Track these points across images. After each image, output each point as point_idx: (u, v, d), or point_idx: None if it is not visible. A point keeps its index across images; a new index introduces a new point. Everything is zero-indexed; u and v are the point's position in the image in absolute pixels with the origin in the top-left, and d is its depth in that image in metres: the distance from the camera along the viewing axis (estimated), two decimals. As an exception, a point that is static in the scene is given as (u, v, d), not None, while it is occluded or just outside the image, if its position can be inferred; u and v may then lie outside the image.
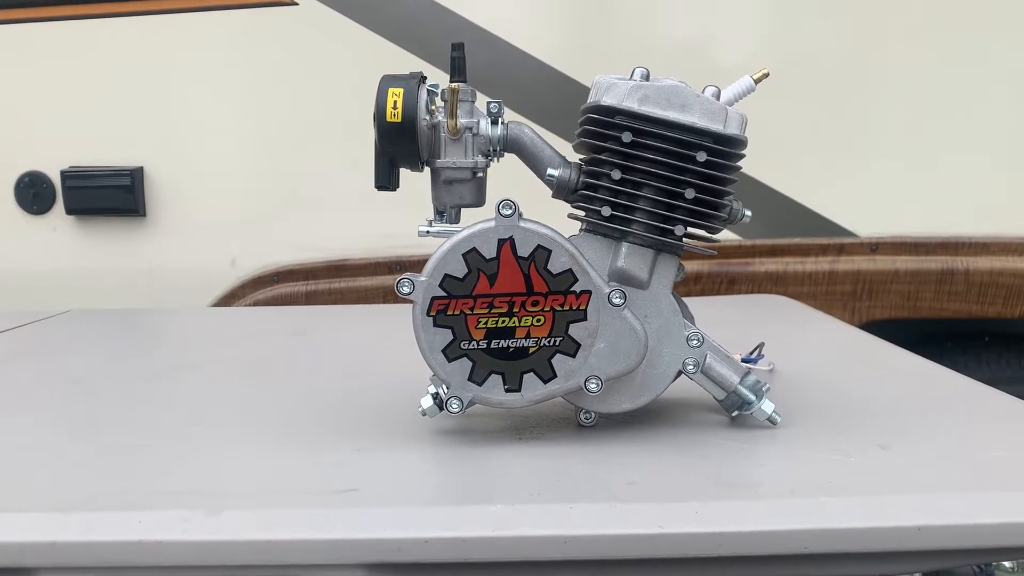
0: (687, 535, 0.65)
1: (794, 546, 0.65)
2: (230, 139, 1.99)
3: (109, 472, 0.81)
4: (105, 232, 2.02)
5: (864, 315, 1.85)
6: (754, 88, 0.88)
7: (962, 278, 1.80)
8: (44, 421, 0.98)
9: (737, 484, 0.73)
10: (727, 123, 0.82)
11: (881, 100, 1.82)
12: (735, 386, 0.86)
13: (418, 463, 0.81)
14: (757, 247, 1.85)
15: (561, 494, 0.71)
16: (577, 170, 0.87)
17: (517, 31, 1.83)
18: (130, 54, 1.96)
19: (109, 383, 1.16)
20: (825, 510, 0.66)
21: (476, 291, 0.80)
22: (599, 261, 0.84)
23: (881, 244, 1.83)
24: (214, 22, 1.92)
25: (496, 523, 0.66)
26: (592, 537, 0.65)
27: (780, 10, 1.85)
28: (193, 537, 0.65)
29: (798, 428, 0.87)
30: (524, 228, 0.80)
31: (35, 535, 0.65)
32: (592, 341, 0.81)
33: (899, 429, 0.86)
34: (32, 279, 2.03)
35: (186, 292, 1.99)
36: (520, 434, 0.87)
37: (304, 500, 0.71)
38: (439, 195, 0.90)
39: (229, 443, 0.89)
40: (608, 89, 0.83)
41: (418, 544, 0.65)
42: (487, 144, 0.88)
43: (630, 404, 0.86)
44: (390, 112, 0.85)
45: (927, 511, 0.66)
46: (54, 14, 1.95)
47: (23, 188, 1.99)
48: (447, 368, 0.82)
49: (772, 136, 1.78)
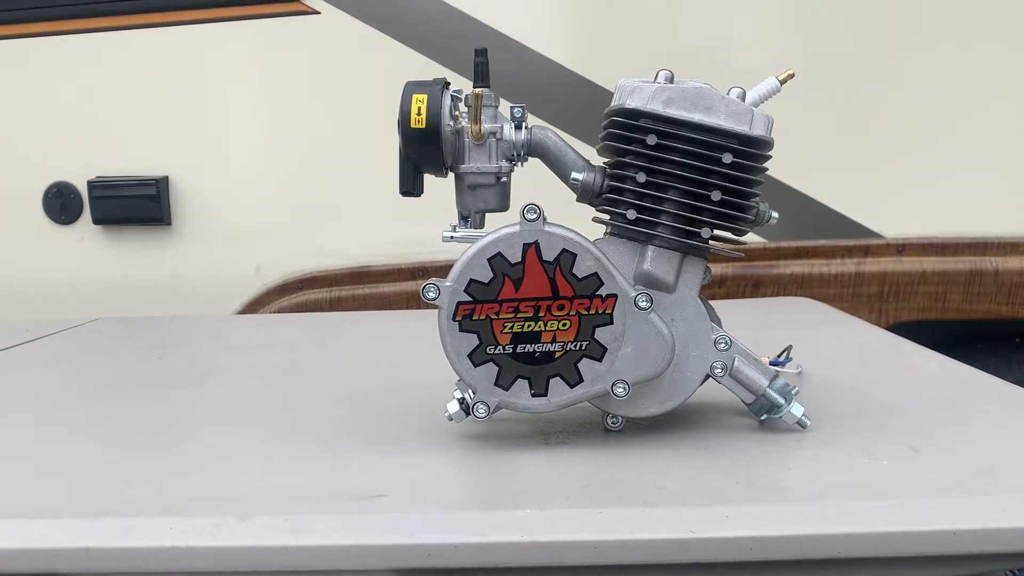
0: (718, 539, 0.64)
1: (826, 551, 0.64)
2: (253, 147, 2.01)
3: (140, 478, 0.81)
4: (131, 241, 2.04)
5: (891, 317, 1.83)
6: (779, 89, 0.88)
7: (991, 278, 1.78)
8: (76, 428, 0.99)
9: (767, 488, 0.73)
10: (753, 124, 0.81)
11: (906, 99, 1.80)
12: (764, 389, 0.86)
13: (446, 468, 0.81)
14: (782, 249, 1.83)
15: (590, 499, 0.70)
16: (601, 174, 0.86)
17: (539, 36, 1.84)
18: (154, 65, 1.98)
19: (139, 390, 1.17)
20: (857, 514, 0.66)
21: (501, 296, 0.80)
22: (625, 265, 0.84)
23: (908, 245, 1.81)
24: (237, 32, 1.93)
25: (525, 528, 0.65)
26: (622, 542, 0.64)
27: (802, 11, 1.84)
28: (224, 543, 0.65)
29: (828, 431, 0.86)
30: (549, 232, 0.80)
31: (69, 541, 0.66)
32: (619, 345, 0.81)
33: (930, 431, 0.85)
34: (60, 288, 2.06)
35: (212, 299, 2.01)
36: (547, 439, 0.87)
37: (333, 505, 0.71)
38: (463, 200, 0.90)
39: (258, 449, 0.89)
40: (632, 92, 0.83)
41: (447, 549, 0.65)
42: (511, 149, 0.88)
43: (658, 408, 0.86)
44: (414, 118, 0.85)
45: (962, 514, 0.65)
46: (81, 27, 1.98)
47: (51, 198, 2.02)
48: (473, 373, 0.82)
49: (796, 137, 1.76)
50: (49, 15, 1.97)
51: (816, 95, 1.77)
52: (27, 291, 2.07)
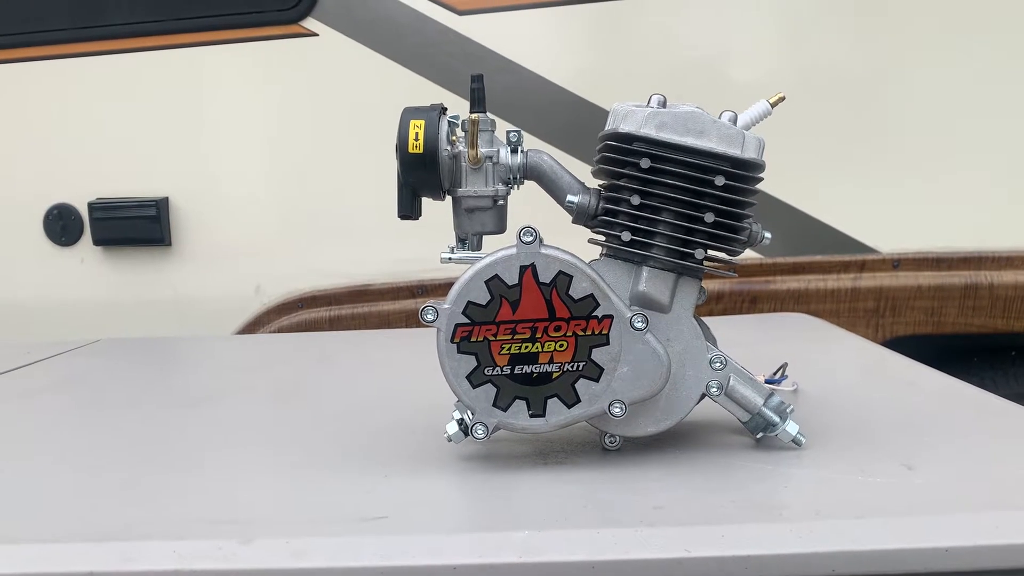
0: (714, 559, 0.65)
1: (821, 569, 0.65)
2: (253, 168, 2.02)
3: (143, 501, 0.82)
4: (132, 262, 2.05)
5: (887, 332, 1.84)
6: (771, 112, 0.89)
7: (986, 293, 1.79)
8: (77, 451, 1.00)
9: (763, 507, 0.73)
10: (744, 147, 0.83)
11: (900, 116, 1.82)
12: (759, 408, 0.87)
13: (445, 489, 0.82)
14: (779, 265, 1.85)
15: (587, 519, 0.71)
16: (596, 196, 0.88)
17: (536, 57, 1.86)
18: (154, 87, 2.00)
19: (140, 412, 1.18)
20: (852, 532, 0.66)
21: (499, 317, 0.81)
22: (620, 286, 0.85)
23: (903, 260, 1.83)
24: (236, 54, 1.95)
25: (524, 549, 0.66)
26: (619, 562, 0.65)
27: (797, 29, 1.86)
28: (227, 566, 0.66)
29: (823, 449, 0.87)
30: (545, 254, 0.81)
31: (73, 566, 0.66)
32: (615, 365, 0.82)
33: (925, 448, 0.86)
34: (61, 310, 2.07)
35: (212, 319, 2.02)
36: (545, 459, 0.88)
37: (334, 528, 0.72)
38: (461, 223, 0.91)
39: (259, 470, 0.90)
40: (626, 116, 0.84)
41: (447, 571, 0.65)
42: (507, 172, 0.89)
43: (654, 427, 0.87)
44: (412, 144, 0.86)
45: (955, 532, 0.66)
46: (81, 50, 2.00)
47: (51, 220, 2.03)
48: (472, 394, 0.83)
49: (791, 154, 1.78)
50: (49, 39, 2.00)
51: (811, 112, 1.79)
52: (28, 312, 2.08)
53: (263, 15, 1.93)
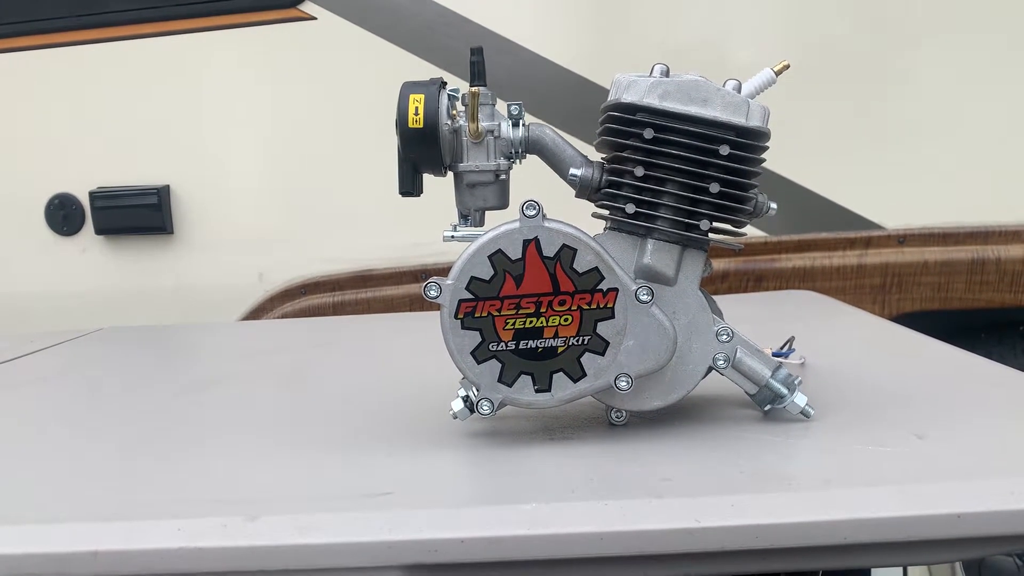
0: (724, 528, 0.64)
1: (832, 537, 0.64)
2: (253, 154, 2.02)
3: (148, 482, 0.82)
4: (134, 251, 2.05)
5: (894, 308, 1.83)
6: (775, 80, 0.88)
7: (993, 267, 1.78)
8: (82, 435, 1.00)
9: (772, 477, 0.73)
10: (749, 116, 0.82)
11: (905, 91, 1.81)
12: (767, 380, 0.86)
13: (451, 465, 0.82)
14: (784, 243, 1.84)
15: (595, 492, 0.71)
16: (600, 169, 0.87)
17: (535, 37, 1.84)
18: (153, 74, 1.99)
19: (144, 397, 1.17)
20: (862, 500, 0.66)
21: (503, 292, 0.81)
22: (625, 259, 0.84)
23: (909, 236, 1.82)
24: (235, 40, 1.94)
25: (531, 522, 0.66)
26: (628, 533, 0.65)
27: (801, 6, 1.84)
28: (232, 543, 0.66)
29: (832, 421, 0.86)
30: (549, 228, 0.80)
31: (78, 545, 0.66)
32: (621, 339, 0.81)
33: (935, 419, 0.85)
34: (64, 299, 2.07)
35: (215, 307, 2.02)
36: (551, 434, 0.87)
37: (339, 504, 0.72)
38: (463, 199, 0.90)
39: (263, 451, 0.90)
40: (628, 87, 0.83)
41: (454, 544, 0.65)
42: (509, 146, 0.88)
43: (661, 401, 0.86)
44: (412, 118, 0.85)
45: (966, 498, 0.65)
46: (79, 38, 1.99)
47: (53, 210, 2.03)
48: (476, 370, 0.82)
49: (795, 131, 1.77)
50: (48, 27, 1.99)
51: (815, 88, 1.78)
52: (31, 302, 2.08)
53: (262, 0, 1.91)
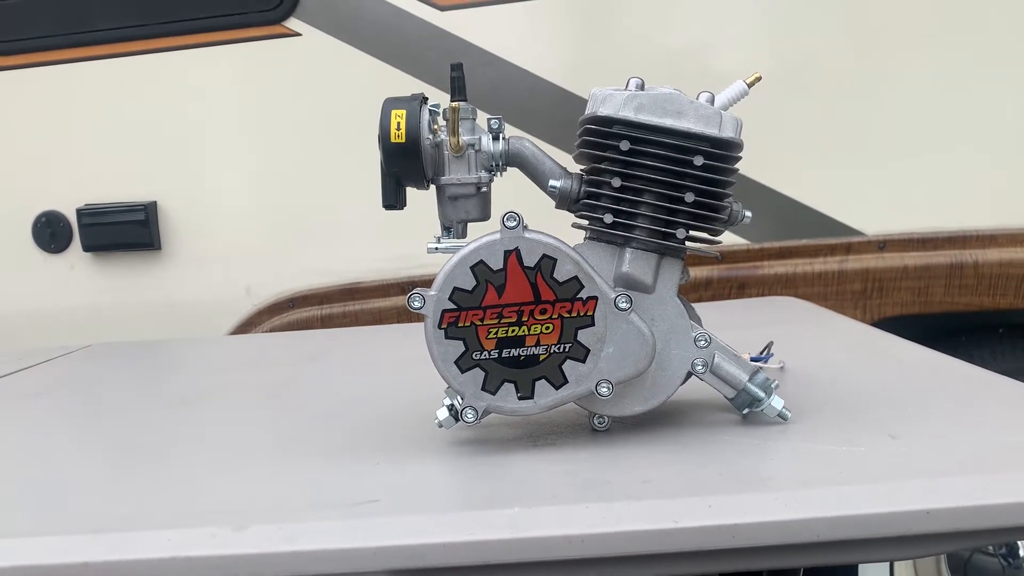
0: (701, 528, 0.66)
1: (807, 535, 0.66)
2: (239, 169, 2.03)
3: (137, 494, 0.83)
4: (122, 267, 2.05)
5: (876, 313, 1.85)
6: (747, 92, 0.90)
7: (971, 271, 1.81)
8: (72, 449, 1.01)
9: (750, 478, 0.75)
10: (722, 127, 0.84)
11: (882, 98, 1.83)
12: (744, 384, 0.88)
13: (436, 473, 0.83)
14: (765, 250, 1.86)
15: (577, 495, 0.72)
16: (578, 180, 0.89)
17: (517, 49, 1.86)
18: (138, 91, 2.00)
19: (132, 411, 1.18)
20: (835, 499, 0.68)
21: (485, 302, 0.82)
22: (604, 268, 0.86)
23: (889, 241, 1.84)
24: (220, 56, 1.96)
25: (514, 525, 0.67)
26: (609, 535, 0.66)
27: (778, 15, 1.87)
28: (221, 552, 0.67)
29: (809, 423, 0.88)
30: (529, 239, 0.82)
31: (68, 557, 0.67)
32: (601, 346, 0.83)
33: (909, 419, 0.87)
34: (52, 317, 2.07)
35: (203, 322, 2.02)
36: (535, 441, 0.89)
37: (326, 512, 0.73)
38: (445, 211, 0.92)
39: (251, 463, 0.91)
40: (604, 100, 0.85)
41: (438, 549, 0.66)
42: (490, 159, 0.90)
43: (642, 407, 0.88)
44: (394, 133, 0.87)
45: (935, 494, 0.67)
46: (64, 57, 2.00)
47: (40, 228, 2.03)
48: (460, 379, 0.83)
49: (774, 139, 1.80)
50: (34, 46, 1.99)
51: (794, 97, 1.80)
52: (19, 320, 2.08)
53: (246, 16, 1.93)
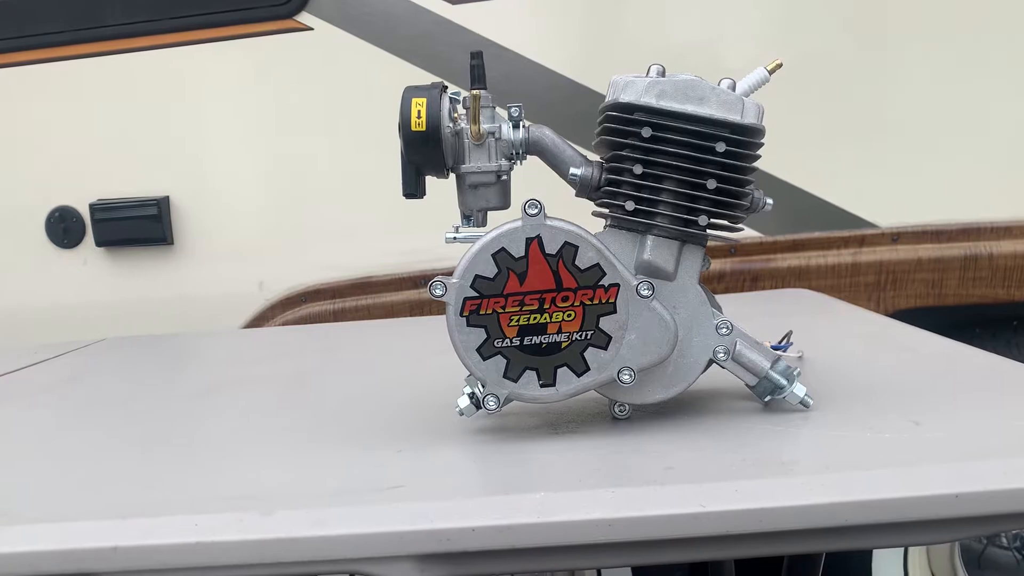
0: (728, 512, 0.66)
1: (834, 519, 0.66)
2: (252, 164, 2.03)
3: (163, 481, 0.83)
4: (134, 262, 2.06)
5: (889, 305, 1.85)
6: (768, 79, 0.90)
7: (986, 263, 1.80)
8: (95, 438, 1.01)
9: (773, 463, 0.74)
10: (744, 113, 0.84)
11: (895, 90, 1.83)
12: (766, 371, 0.87)
13: (459, 460, 0.83)
14: (778, 243, 1.85)
15: (602, 480, 0.72)
16: (599, 168, 0.88)
17: (529, 43, 1.86)
18: (151, 86, 2.01)
19: (153, 402, 1.19)
20: (862, 483, 0.67)
21: (507, 290, 0.82)
22: (625, 255, 0.86)
23: (902, 234, 1.84)
24: (232, 51, 1.96)
25: (541, 510, 0.67)
26: (636, 519, 0.66)
27: (792, 9, 1.87)
28: (249, 536, 0.67)
29: (830, 410, 0.88)
30: (551, 226, 0.82)
31: (98, 541, 0.67)
32: (623, 333, 0.83)
33: (931, 406, 0.87)
34: (65, 311, 2.07)
35: (216, 317, 2.02)
36: (556, 429, 0.89)
37: (352, 499, 0.73)
38: (465, 200, 0.92)
39: (273, 451, 0.91)
40: (626, 87, 0.85)
41: (466, 533, 0.66)
42: (510, 147, 0.90)
43: (663, 394, 0.88)
44: (415, 121, 0.87)
45: (963, 478, 0.67)
46: (77, 52, 2.00)
47: (53, 223, 2.04)
48: (482, 366, 0.83)
49: (788, 131, 1.78)
50: (46, 42, 2.00)
51: (807, 88, 1.80)
52: (32, 315, 2.08)
53: (258, 11, 1.93)
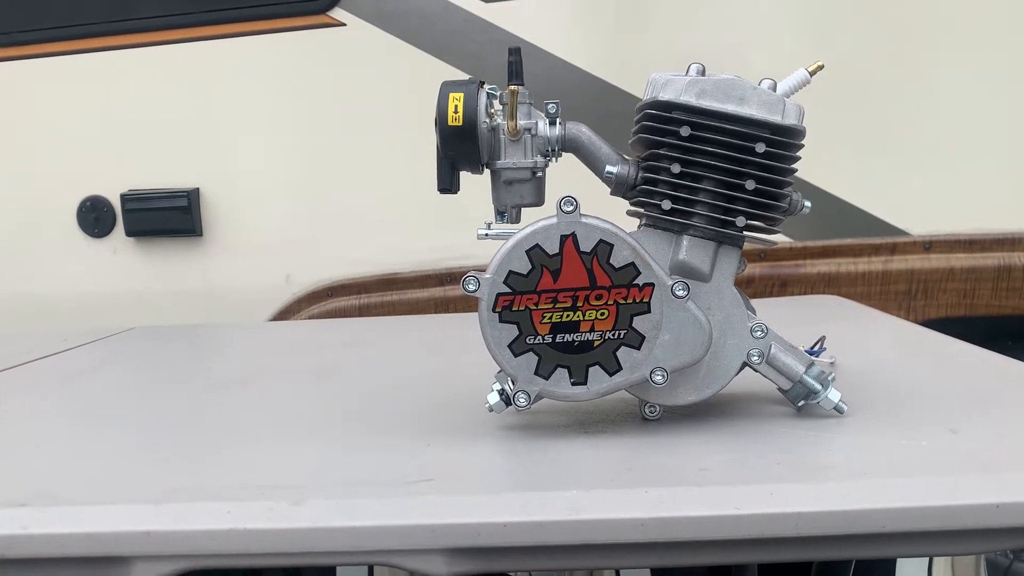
0: (763, 516, 0.65)
1: (871, 525, 0.65)
2: (282, 158, 2.04)
3: (194, 469, 0.84)
4: (163, 252, 2.07)
5: (920, 314, 1.83)
6: (809, 80, 0.89)
7: (1020, 274, 1.78)
8: (127, 425, 1.02)
9: (809, 468, 0.74)
10: (785, 114, 0.83)
11: (930, 97, 1.81)
12: (800, 376, 0.86)
13: (488, 455, 0.83)
14: (809, 248, 1.84)
15: (635, 480, 0.72)
16: (635, 167, 0.88)
17: (562, 43, 1.86)
18: (184, 79, 2.02)
19: (182, 390, 1.20)
20: (900, 490, 0.66)
21: (540, 287, 0.82)
22: (660, 255, 0.85)
23: (935, 242, 1.81)
24: (264, 45, 1.97)
25: (572, 507, 0.67)
26: (670, 519, 0.65)
27: (825, 12, 1.85)
28: (280, 525, 0.67)
29: (865, 417, 0.87)
30: (586, 223, 0.82)
31: (131, 525, 0.68)
32: (656, 333, 0.82)
33: (968, 416, 0.86)
34: (94, 300, 2.09)
35: (243, 309, 2.04)
36: (585, 428, 0.88)
37: (381, 490, 0.73)
38: (500, 196, 0.92)
39: (303, 441, 0.91)
40: (665, 85, 0.85)
41: (496, 528, 0.66)
42: (546, 144, 0.90)
43: (695, 396, 0.87)
44: (451, 116, 0.87)
45: (1005, 488, 0.65)
46: (110, 44, 2.02)
47: (85, 212, 2.06)
48: (514, 363, 0.83)
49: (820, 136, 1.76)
50: (79, 33, 2.02)
51: (840, 94, 1.78)
52: (62, 303, 2.10)
53: (291, 6, 1.94)
